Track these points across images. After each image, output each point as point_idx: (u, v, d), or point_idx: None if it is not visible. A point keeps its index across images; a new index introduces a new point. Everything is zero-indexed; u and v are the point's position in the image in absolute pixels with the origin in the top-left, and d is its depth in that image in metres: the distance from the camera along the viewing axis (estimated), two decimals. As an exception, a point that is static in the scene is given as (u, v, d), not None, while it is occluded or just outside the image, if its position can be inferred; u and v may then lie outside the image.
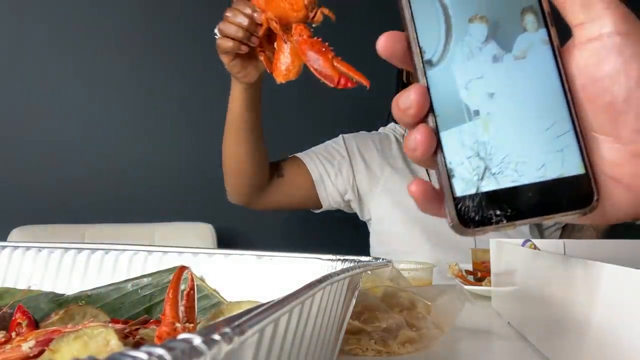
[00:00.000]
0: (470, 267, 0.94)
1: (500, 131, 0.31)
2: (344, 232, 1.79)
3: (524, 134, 0.31)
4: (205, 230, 1.70)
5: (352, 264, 0.44)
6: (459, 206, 0.30)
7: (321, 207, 1.31)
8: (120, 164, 1.85)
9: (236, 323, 0.17)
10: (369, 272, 0.62)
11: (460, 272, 0.91)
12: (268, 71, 0.84)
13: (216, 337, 0.16)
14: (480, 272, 0.91)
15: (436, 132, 0.31)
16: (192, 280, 0.42)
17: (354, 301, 0.42)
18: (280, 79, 0.79)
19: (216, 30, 0.89)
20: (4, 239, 1.50)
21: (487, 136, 0.31)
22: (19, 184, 1.78)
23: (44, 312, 0.46)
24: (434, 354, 0.54)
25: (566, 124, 0.31)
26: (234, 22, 0.84)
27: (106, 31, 1.85)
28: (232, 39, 0.85)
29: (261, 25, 0.81)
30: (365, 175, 1.28)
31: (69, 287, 0.52)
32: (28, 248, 0.54)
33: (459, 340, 0.60)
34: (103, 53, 1.85)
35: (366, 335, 0.53)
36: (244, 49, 0.87)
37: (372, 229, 1.33)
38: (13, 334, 0.39)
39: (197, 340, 0.15)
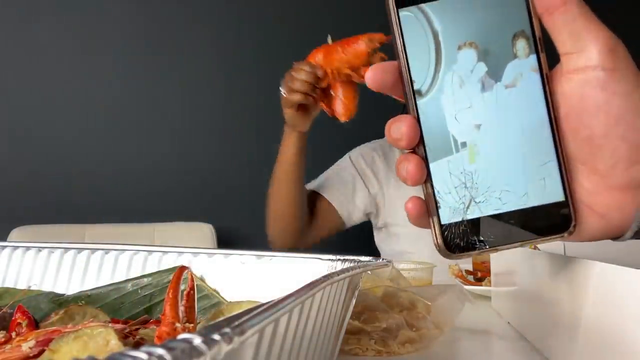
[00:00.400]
0: (470, 267, 0.94)
1: (487, 161, 0.31)
2: (344, 232, 1.79)
3: (509, 163, 0.31)
4: (205, 230, 1.70)
5: (352, 264, 0.44)
6: (445, 233, 0.32)
7: (347, 226, 1.38)
8: (120, 164, 1.85)
9: (236, 323, 0.17)
10: (369, 272, 0.62)
11: (460, 272, 0.91)
12: (329, 115, 1.01)
13: (216, 337, 0.16)
14: (480, 272, 0.91)
15: (426, 162, 0.32)
16: (192, 280, 0.42)
17: (354, 301, 0.42)
18: (343, 118, 0.97)
19: (282, 89, 1.05)
20: (4, 239, 1.50)
21: (473, 166, 0.31)
22: (19, 184, 1.78)
23: (44, 312, 0.46)
24: (434, 354, 0.54)
25: (550, 153, 0.32)
26: (300, 78, 1.00)
27: (108, 31, 1.85)
28: (298, 92, 1.01)
29: (321, 78, 0.98)
30: (377, 186, 1.34)
31: (69, 287, 0.52)
32: (28, 248, 0.53)
33: (459, 340, 0.60)
34: (103, 54, 1.85)
35: (366, 335, 0.53)
36: (310, 99, 1.02)
37: (387, 232, 1.37)
38: (13, 334, 0.39)
39: (197, 340, 0.15)
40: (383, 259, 0.44)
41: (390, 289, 0.59)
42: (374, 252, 1.43)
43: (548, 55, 0.32)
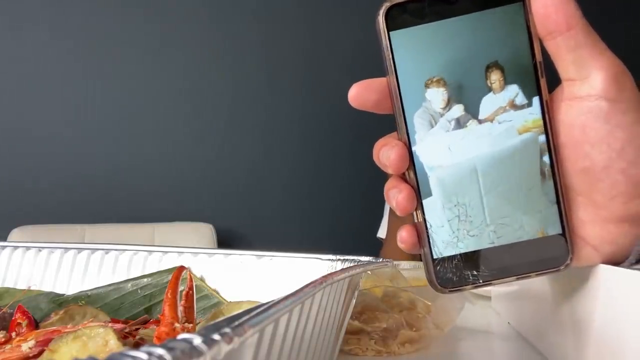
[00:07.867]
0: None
1: (482, 192, 0.30)
2: (344, 232, 1.79)
3: (504, 196, 0.30)
4: (205, 230, 1.70)
5: (352, 264, 0.44)
6: (438, 267, 0.30)
7: None
8: (120, 164, 1.85)
9: (236, 323, 0.17)
10: (369, 272, 0.62)
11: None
12: None
13: (216, 337, 0.16)
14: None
15: (417, 191, 0.30)
16: (191, 280, 0.42)
17: (354, 301, 0.42)
18: None
19: None
20: (4, 239, 1.50)
21: (467, 199, 0.30)
22: (19, 184, 1.78)
23: (44, 312, 0.46)
24: (434, 354, 0.54)
25: (548, 184, 0.30)
26: None
27: (105, 31, 1.85)
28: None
29: None
30: None
31: (69, 287, 0.52)
32: (28, 248, 0.53)
33: (459, 340, 0.60)
34: (102, 53, 1.85)
35: (366, 335, 0.53)
36: None
37: None
38: (13, 334, 0.39)
39: (197, 340, 0.15)
40: (383, 259, 0.44)
41: (390, 289, 0.59)
42: (374, 252, 1.43)
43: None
